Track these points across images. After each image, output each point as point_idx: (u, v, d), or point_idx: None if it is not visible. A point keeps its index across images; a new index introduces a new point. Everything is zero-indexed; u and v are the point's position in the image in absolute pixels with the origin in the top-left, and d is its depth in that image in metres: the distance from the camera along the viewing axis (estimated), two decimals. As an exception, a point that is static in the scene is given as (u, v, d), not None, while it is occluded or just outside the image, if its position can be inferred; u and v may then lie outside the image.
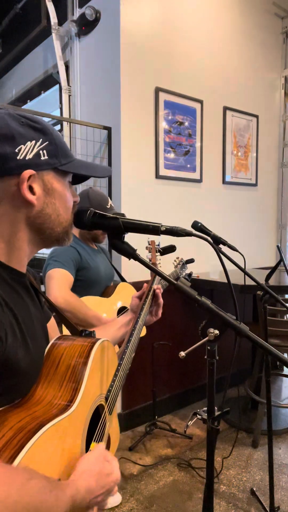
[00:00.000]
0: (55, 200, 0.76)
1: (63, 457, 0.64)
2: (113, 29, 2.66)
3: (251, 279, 1.57)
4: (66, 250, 1.82)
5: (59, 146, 0.76)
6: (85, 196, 1.91)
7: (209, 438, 1.05)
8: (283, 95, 3.96)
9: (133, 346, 1.01)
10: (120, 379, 0.91)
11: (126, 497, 2.15)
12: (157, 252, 1.48)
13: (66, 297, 1.65)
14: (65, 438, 0.66)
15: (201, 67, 3.13)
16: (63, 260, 1.76)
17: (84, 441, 0.73)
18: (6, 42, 4.29)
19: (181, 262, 2.27)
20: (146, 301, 1.12)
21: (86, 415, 0.74)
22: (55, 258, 1.77)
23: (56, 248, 1.85)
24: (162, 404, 2.99)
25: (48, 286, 1.70)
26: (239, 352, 3.42)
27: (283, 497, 2.14)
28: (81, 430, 0.72)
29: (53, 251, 1.85)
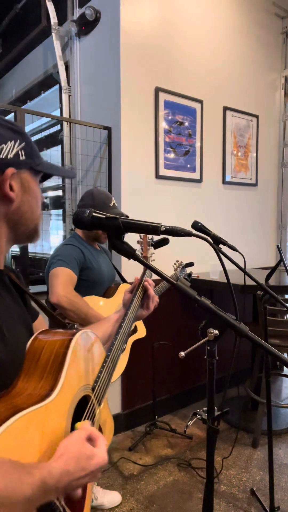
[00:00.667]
0: (30, 197, 0.81)
1: (44, 443, 0.66)
2: (113, 29, 2.66)
3: (251, 279, 1.57)
4: (70, 249, 1.82)
5: (33, 147, 0.81)
6: (90, 195, 1.92)
7: (209, 438, 1.05)
8: (283, 95, 3.96)
9: (122, 338, 1.01)
10: (108, 370, 0.91)
11: (126, 497, 2.15)
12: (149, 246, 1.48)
13: (69, 296, 1.65)
14: (46, 424, 0.67)
15: (201, 67, 3.13)
16: (67, 260, 1.76)
17: (68, 431, 0.74)
18: (6, 42, 4.29)
19: (180, 265, 2.28)
20: (136, 294, 1.12)
21: (69, 404, 0.75)
22: (59, 257, 1.77)
23: (60, 248, 1.85)
24: (162, 404, 2.99)
25: (51, 284, 1.70)
26: (239, 352, 3.42)
27: (283, 497, 2.14)
28: (65, 418, 0.73)
29: (57, 250, 1.85)
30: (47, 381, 0.73)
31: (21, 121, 2.35)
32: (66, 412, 0.74)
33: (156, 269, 0.90)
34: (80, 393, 0.80)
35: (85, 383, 0.83)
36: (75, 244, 1.86)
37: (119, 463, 2.45)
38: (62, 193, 3.23)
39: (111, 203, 1.92)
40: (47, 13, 3.16)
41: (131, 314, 1.06)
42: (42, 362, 0.76)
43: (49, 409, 0.69)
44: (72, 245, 1.85)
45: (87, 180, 3.02)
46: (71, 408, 0.76)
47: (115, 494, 2.12)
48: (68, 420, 0.74)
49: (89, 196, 1.92)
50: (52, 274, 1.73)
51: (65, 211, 3.17)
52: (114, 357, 0.95)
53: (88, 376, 0.84)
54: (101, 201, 1.88)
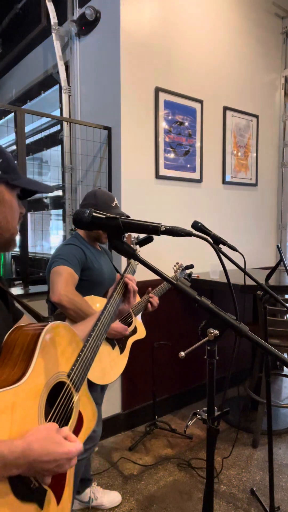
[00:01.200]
0: (5, 209, 0.88)
1: (14, 425, 0.71)
2: (113, 29, 2.66)
3: (251, 279, 1.57)
4: (72, 249, 1.81)
5: (10, 164, 0.88)
6: (92, 195, 1.92)
7: (209, 438, 1.05)
8: (283, 95, 3.96)
9: (101, 329, 1.02)
10: (85, 359, 0.95)
11: (126, 497, 2.15)
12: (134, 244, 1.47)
13: (70, 295, 1.64)
14: (15, 407, 0.72)
15: (201, 67, 3.13)
16: (68, 259, 1.75)
17: (42, 414, 0.78)
18: (6, 42, 4.29)
19: (180, 268, 2.28)
20: (117, 289, 1.14)
21: (41, 389, 0.79)
22: (61, 256, 1.76)
23: (61, 247, 1.85)
24: (162, 404, 2.99)
25: (52, 282, 1.69)
26: (239, 352, 3.42)
27: (283, 497, 2.14)
28: (36, 402, 0.78)
29: (58, 249, 1.85)
30: (19, 369, 0.78)
31: (21, 121, 2.35)
32: (37, 397, 0.78)
33: (156, 268, 0.90)
34: (54, 379, 0.84)
35: (60, 371, 0.87)
36: (77, 244, 1.86)
37: (119, 463, 2.45)
38: (62, 193, 3.23)
39: (113, 203, 1.92)
40: (47, 13, 3.16)
41: (110, 307, 1.08)
42: (16, 353, 0.81)
43: (18, 393, 0.73)
44: (73, 245, 1.85)
45: (87, 180, 3.02)
46: (44, 393, 0.80)
47: (115, 494, 2.12)
48: (40, 405, 0.78)
49: (92, 196, 1.91)
50: (54, 273, 1.72)
51: (65, 211, 3.17)
52: (92, 347, 0.98)
53: (63, 364, 0.89)
54: (103, 201, 1.88)
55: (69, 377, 0.90)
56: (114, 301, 1.11)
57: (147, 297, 2.02)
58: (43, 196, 3.84)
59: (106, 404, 2.70)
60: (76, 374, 0.92)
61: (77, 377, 0.92)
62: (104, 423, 2.70)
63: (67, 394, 0.89)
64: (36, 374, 0.78)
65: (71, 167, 3.15)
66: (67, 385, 0.89)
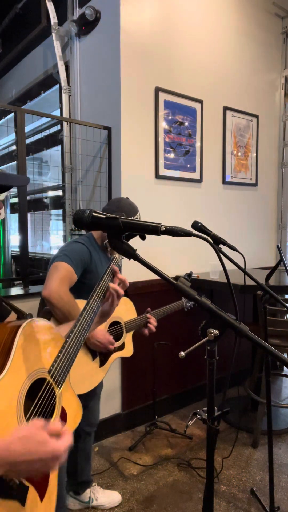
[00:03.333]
0: None
1: None
2: (113, 29, 2.66)
3: (251, 279, 1.57)
4: (79, 248, 1.77)
5: None
6: (117, 202, 1.86)
7: (209, 438, 1.05)
8: (283, 95, 3.96)
9: (83, 325, 1.01)
10: (67, 355, 0.94)
11: (126, 497, 2.15)
12: None
13: (61, 294, 1.58)
14: None
15: (201, 67, 3.13)
16: (72, 257, 1.70)
17: (21, 411, 0.78)
18: (6, 42, 4.29)
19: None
20: (100, 283, 1.13)
21: (19, 386, 0.80)
22: (66, 253, 1.71)
23: (69, 244, 1.81)
24: (162, 404, 2.99)
25: (49, 276, 1.64)
26: (239, 352, 3.42)
27: (283, 497, 2.14)
28: (15, 398, 0.78)
29: (66, 245, 1.80)
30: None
31: (21, 121, 2.35)
32: (16, 393, 0.78)
33: (156, 269, 0.90)
34: (34, 375, 0.85)
35: (40, 367, 0.87)
36: (86, 244, 1.80)
37: (119, 463, 2.45)
38: (62, 193, 3.23)
39: (135, 216, 1.86)
40: (47, 13, 3.16)
41: (93, 303, 1.08)
42: None
43: None
44: (82, 244, 1.79)
45: (87, 180, 3.03)
46: (23, 390, 0.80)
47: (115, 494, 2.12)
48: (19, 401, 0.79)
49: (116, 203, 1.85)
50: (53, 267, 1.66)
51: (65, 211, 3.17)
52: (75, 343, 0.97)
53: (43, 360, 0.89)
54: (125, 212, 1.82)
55: (49, 373, 0.90)
56: (97, 295, 1.11)
57: (144, 317, 1.94)
58: (43, 196, 3.84)
59: (106, 404, 2.70)
60: (57, 370, 0.91)
61: (58, 373, 0.92)
62: (104, 423, 2.70)
63: (48, 390, 0.89)
64: (14, 371, 0.79)
65: (71, 167, 3.15)
66: (47, 381, 0.89)
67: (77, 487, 2.05)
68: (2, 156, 4.54)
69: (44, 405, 0.87)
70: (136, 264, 0.91)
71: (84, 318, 1.03)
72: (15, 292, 2.43)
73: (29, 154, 3.77)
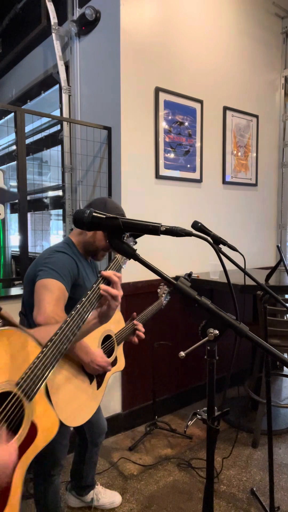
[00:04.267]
0: None
1: None
2: (113, 29, 2.66)
3: (251, 279, 1.57)
4: (65, 260, 1.57)
5: None
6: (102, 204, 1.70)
7: (209, 438, 1.05)
8: (283, 95, 3.96)
9: (66, 334, 0.92)
10: (41, 365, 0.87)
11: (126, 497, 2.15)
12: None
13: (58, 318, 1.38)
14: None
15: (201, 67, 3.13)
16: (61, 272, 1.50)
17: None
18: (6, 42, 4.29)
19: (165, 291, 2.21)
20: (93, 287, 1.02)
21: None
22: (51, 266, 1.51)
23: (53, 254, 1.58)
24: (162, 404, 2.99)
25: (41, 298, 1.43)
26: (239, 352, 3.42)
27: (283, 497, 2.14)
28: None
29: (49, 256, 1.57)
30: None
31: (21, 121, 2.35)
32: None
33: (156, 269, 0.90)
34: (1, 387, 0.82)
35: (8, 379, 0.84)
36: (70, 254, 1.61)
37: (119, 463, 2.45)
38: (62, 193, 3.23)
39: None
40: (47, 13, 3.16)
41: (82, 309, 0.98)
42: None
43: None
44: (67, 254, 1.60)
45: (87, 180, 3.03)
46: None
47: (116, 495, 2.12)
48: None
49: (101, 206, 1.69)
50: (42, 286, 1.45)
51: (65, 211, 3.17)
52: (52, 353, 0.90)
53: (12, 372, 0.85)
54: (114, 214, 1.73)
55: (18, 386, 0.85)
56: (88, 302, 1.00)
57: (131, 324, 1.83)
58: (43, 196, 3.84)
59: (106, 404, 2.70)
60: (27, 382, 0.86)
61: (28, 385, 0.86)
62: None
63: (15, 404, 0.85)
64: None
65: (71, 167, 3.15)
66: (13, 394, 0.84)
67: (81, 489, 2.05)
68: (2, 156, 4.54)
69: (8, 419, 0.83)
70: (136, 264, 0.91)
71: (68, 326, 0.94)
72: (15, 292, 2.43)
73: (29, 154, 3.77)
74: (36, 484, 1.73)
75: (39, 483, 1.72)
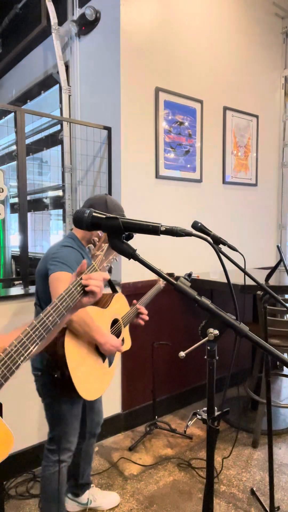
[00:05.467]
0: None
1: None
2: (113, 29, 2.66)
3: (251, 279, 1.57)
4: (72, 253, 1.68)
5: None
6: (103, 203, 1.76)
7: (209, 438, 1.05)
8: (283, 95, 3.96)
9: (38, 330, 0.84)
10: (8, 359, 0.79)
11: (126, 497, 2.15)
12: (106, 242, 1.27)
13: None
14: None
15: (201, 67, 3.13)
16: (70, 264, 1.61)
17: None
18: (6, 42, 4.29)
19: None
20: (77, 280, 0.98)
21: None
22: (60, 260, 1.62)
23: (60, 249, 1.69)
24: (162, 404, 2.99)
25: (56, 289, 1.54)
26: (239, 352, 3.42)
27: (283, 497, 2.14)
28: None
29: (56, 250, 1.69)
30: None
31: (21, 121, 2.35)
32: None
33: (155, 268, 0.90)
34: None
35: None
36: (76, 248, 1.73)
37: (119, 463, 2.45)
38: (62, 193, 3.23)
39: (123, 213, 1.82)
40: (47, 13, 3.16)
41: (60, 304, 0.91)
42: None
43: None
44: (73, 248, 1.72)
45: (87, 180, 3.03)
46: None
47: (113, 495, 2.12)
48: None
49: (102, 205, 1.75)
50: (55, 279, 1.56)
51: (65, 211, 3.17)
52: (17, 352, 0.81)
53: None
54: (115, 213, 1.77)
55: None
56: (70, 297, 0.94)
57: (134, 309, 1.95)
58: (43, 196, 3.84)
59: (106, 404, 2.70)
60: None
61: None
62: (104, 423, 2.70)
63: None
64: None
65: (71, 167, 3.15)
66: None
67: (77, 488, 2.05)
68: (2, 156, 4.54)
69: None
70: (136, 264, 0.91)
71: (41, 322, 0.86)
72: (15, 292, 2.43)
73: (29, 154, 3.77)
74: (43, 469, 1.77)
75: (47, 469, 1.77)
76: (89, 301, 1.00)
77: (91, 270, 1.04)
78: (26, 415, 2.35)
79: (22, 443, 2.35)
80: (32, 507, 2.08)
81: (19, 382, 2.30)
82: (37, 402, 2.39)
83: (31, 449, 2.37)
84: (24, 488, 2.22)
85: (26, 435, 2.36)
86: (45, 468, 1.77)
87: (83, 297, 0.98)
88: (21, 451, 2.33)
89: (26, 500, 2.13)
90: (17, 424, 2.32)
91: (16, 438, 2.35)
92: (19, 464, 2.32)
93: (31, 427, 2.38)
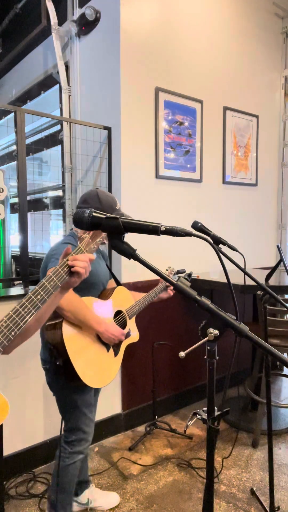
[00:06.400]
0: None
1: None
2: (113, 29, 2.66)
3: (251, 279, 1.57)
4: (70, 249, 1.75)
5: None
6: (95, 196, 1.79)
7: (209, 438, 1.05)
8: (283, 95, 3.96)
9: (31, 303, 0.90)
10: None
11: (126, 497, 2.15)
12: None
13: (68, 296, 1.58)
14: None
15: (201, 67, 3.13)
16: None
17: None
18: (6, 42, 4.29)
19: (172, 272, 2.26)
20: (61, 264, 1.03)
21: None
22: (58, 256, 1.66)
23: (59, 245, 1.75)
24: (162, 404, 2.99)
25: None
26: (239, 352, 3.42)
27: (283, 497, 2.14)
28: None
29: (56, 248, 1.74)
30: None
31: (21, 121, 2.35)
32: None
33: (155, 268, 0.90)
34: None
35: None
36: (75, 244, 1.76)
37: (119, 463, 2.45)
38: (62, 193, 3.23)
39: (116, 206, 1.83)
40: (47, 13, 3.16)
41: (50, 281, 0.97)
42: None
43: None
44: (71, 244, 1.76)
45: (87, 180, 3.03)
46: None
47: (113, 495, 2.11)
48: None
49: (95, 198, 1.78)
50: None
51: (65, 211, 3.17)
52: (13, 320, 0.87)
53: None
54: (109, 206, 1.77)
55: None
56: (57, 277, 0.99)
57: (160, 285, 2.06)
58: (43, 196, 3.84)
59: (106, 404, 2.70)
60: None
61: None
62: (104, 423, 2.71)
63: None
64: None
65: (71, 167, 3.15)
66: None
67: (76, 487, 2.05)
68: (2, 156, 4.54)
69: None
70: (136, 264, 0.91)
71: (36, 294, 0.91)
72: (15, 292, 2.43)
73: (29, 154, 3.77)
74: (60, 460, 1.77)
75: (63, 460, 1.78)
76: (75, 281, 1.07)
77: (77, 251, 1.10)
78: (26, 416, 2.35)
79: (22, 443, 2.35)
80: (32, 507, 2.08)
81: (19, 382, 2.31)
82: (37, 403, 2.40)
83: (31, 449, 2.37)
84: (24, 488, 2.22)
85: (26, 435, 2.36)
86: (61, 459, 1.78)
87: (70, 277, 1.05)
88: (21, 451, 2.34)
89: (26, 500, 2.13)
90: (17, 424, 2.32)
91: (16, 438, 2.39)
92: (19, 464, 2.32)
93: (31, 427, 2.38)
